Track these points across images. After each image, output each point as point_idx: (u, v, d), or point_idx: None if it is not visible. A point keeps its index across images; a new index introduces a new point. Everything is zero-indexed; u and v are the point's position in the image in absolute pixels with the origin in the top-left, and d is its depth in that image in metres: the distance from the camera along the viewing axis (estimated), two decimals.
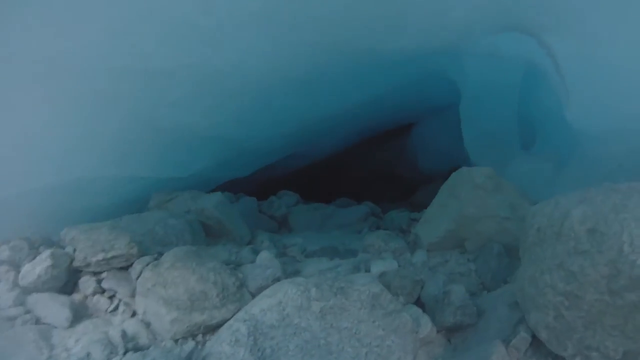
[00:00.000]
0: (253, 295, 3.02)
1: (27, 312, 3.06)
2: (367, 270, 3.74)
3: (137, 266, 3.35)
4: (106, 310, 3.25)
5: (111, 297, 3.32)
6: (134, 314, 3.18)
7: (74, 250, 3.45)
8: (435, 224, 4.21)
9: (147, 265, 3.28)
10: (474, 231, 3.94)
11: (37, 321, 3.03)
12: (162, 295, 2.93)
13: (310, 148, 7.62)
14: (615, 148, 3.94)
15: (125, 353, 2.76)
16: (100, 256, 3.33)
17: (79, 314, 3.15)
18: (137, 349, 2.82)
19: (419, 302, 3.28)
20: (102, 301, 3.29)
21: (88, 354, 2.76)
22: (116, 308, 3.25)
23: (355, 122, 7.33)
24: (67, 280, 3.34)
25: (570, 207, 2.31)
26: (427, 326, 2.90)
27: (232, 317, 2.84)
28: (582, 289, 2.16)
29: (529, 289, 2.51)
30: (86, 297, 3.32)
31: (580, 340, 2.23)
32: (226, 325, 2.58)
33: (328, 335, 2.53)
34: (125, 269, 3.46)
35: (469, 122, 6.21)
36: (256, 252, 3.78)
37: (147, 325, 3.02)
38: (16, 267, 3.34)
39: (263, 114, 5.14)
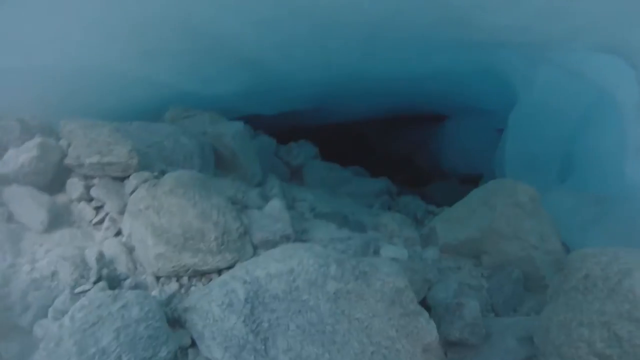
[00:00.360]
0: (255, 248, 2.52)
1: (1, 204, 2.56)
2: (376, 252, 3.30)
3: (133, 180, 2.82)
4: (90, 222, 2.74)
5: (98, 208, 2.80)
6: (118, 234, 2.68)
7: (69, 145, 2.91)
8: (457, 226, 3.77)
9: (145, 182, 2.76)
10: (497, 248, 3.54)
11: (10, 218, 2.54)
12: (154, 222, 2.41)
13: (337, 107, 6.98)
14: None
15: (96, 281, 2.26)
16: (95, 158, 2.80)
17: (59, 219, 2.65)
18: (112, 277, 2.33)
19: (424, 304, 2.88)
20: (87, 210, 2.77)
21: (54, 273, 2.26)
22: (101, 222, 2.74)
23: (393, 94, 6.67)
24: (53, 178, 2.82)
25: (633, 266, 1.98)
26: (432, 334, 2.42)
27: (227, 267, 2.35)
28: (625, 358, 1.86)
29: (556, 333, 2.18)
30: (71, 201, 2.81)
31: None
32: (220, 281, 2.06)
33: (336, 322, 2.02)
34: (121, 179, 2.93)
35: (517, 133, 5.62)
36: (265, 198, 3.27)
37: (130, 250, 2.53)
38: (2, 149, 2.79)
39: (313, 50, 4.47)
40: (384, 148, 9.38)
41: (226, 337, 1.85)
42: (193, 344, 2.00)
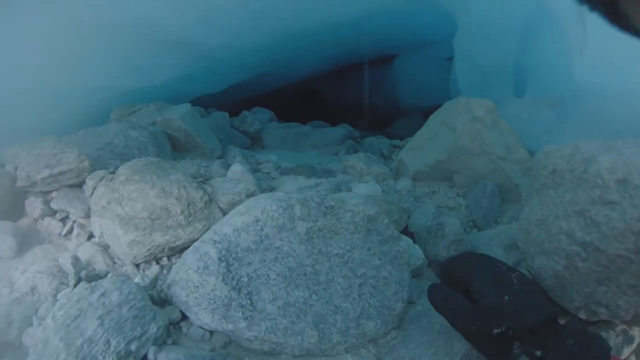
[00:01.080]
0: (224, 213, 2.44)
1: None
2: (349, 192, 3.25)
3: (89, 182, 2.68)
4: (59, 235, 2.62)
5: (63, 219, 2.68)
6: (90, 237, 2.57)
7: (16, 168, 2.74)
8: (423, 153, 3.79)
9: (101, 180, 2.65)
10: (466, 166, 3.57)
11: None
12: (119, 213, 2.32)
13: (286, 67, 6.82)
14: (627, 111, 3.45)
15: (77, 283, 2.18)
16: (45, 173, 2.65)
17: (28, 241, 2.52)
18: (91, 277, 2.23)
19: (406, 232, 2.89)
20: (53, 224, 2.64)
21: (33, 288, 2.17)
22: (70, 231, 2.62)
23: (335, 46, 6.56)
24: (11, 205, 2.68)
25: (595, 153, 1.94)
26: (418, 258, 2.48)
27: (200, 237, 2.30)
28: (605, 241, 1.81)
29: (537, 232, 2.16)
30: (35, 220, 2.67)
31: (590, 294, 1.93)
32: (192, 248, 2.00)
33: (316, 262, 1.98)
34: (78, 186, 2.80)
35: (464, 56, 5.57)
36: (227, 167, 3.16)
37: (105, 248, 2.44)
38: None
39: (237, 17, 4.32)
40: (339, 99, 9.27)
41: (210, 301, 1.80)
42: (184, 317, 1.95)
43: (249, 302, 1.83)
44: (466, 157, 3.54)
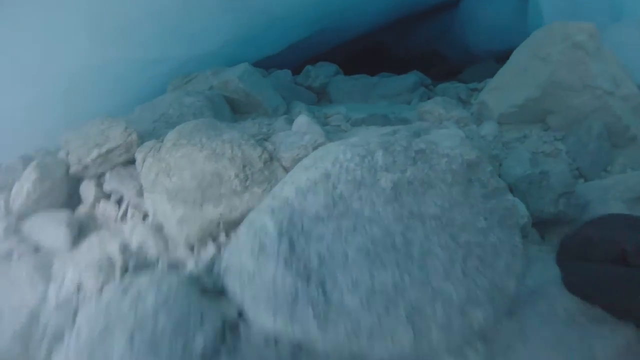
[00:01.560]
0: (288, 171, 1.92)
1: (22, 241, 2.15)
2: None
3: (139, 155, 2.26)
4: (115, 219, 2.24)
5: (119, 201, 2.30)
6: (145, 217, 2.15)
7: (68, 154, 2.42)
8: (510, 92, 3.03)
9: (150, 151, 2.21)
10: (565, 104, 2.80)
11: (36, 249, 2.13)
12: (167, 186, 1.85)
13: (346, 19, 6.11)
14: None
15: (124, 274, 1.78)
16: (94, 153, 2.29)
17: (85, 229, 2.19)
18: (139, 266, 1.81)
19: None
20: (109, 208, 2.28)
21: (79, 286, 1.80)
22: (125, 213, 2.23)
23: None
24: (69, 192, 2.38)
25: None
26: (523, 216, 1.82)
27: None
28: None
29: None
30: (92, 206, 2.33)
31: None
32: (246, 221, 1.46)
33: (407, 229, 1.35)
34: (132, 162, 2.38)
35: None
36: (292, 122, 2.64)
37: (159, 229, 1.99)
38: (9, 191, 2.38)
39: None
40: (405, 51, 8.39)
41: (270, 295, 1.26)
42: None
43: (320, 292, 1.26)
44: (564, 93, 2.76)
